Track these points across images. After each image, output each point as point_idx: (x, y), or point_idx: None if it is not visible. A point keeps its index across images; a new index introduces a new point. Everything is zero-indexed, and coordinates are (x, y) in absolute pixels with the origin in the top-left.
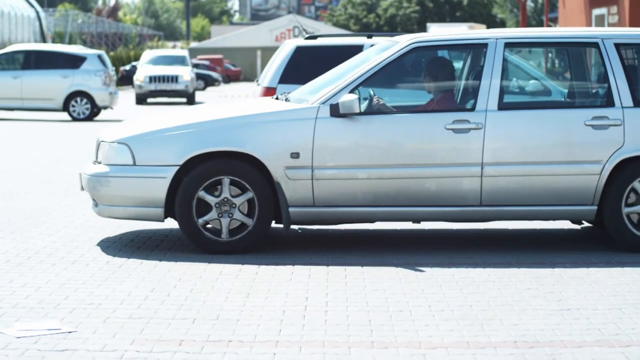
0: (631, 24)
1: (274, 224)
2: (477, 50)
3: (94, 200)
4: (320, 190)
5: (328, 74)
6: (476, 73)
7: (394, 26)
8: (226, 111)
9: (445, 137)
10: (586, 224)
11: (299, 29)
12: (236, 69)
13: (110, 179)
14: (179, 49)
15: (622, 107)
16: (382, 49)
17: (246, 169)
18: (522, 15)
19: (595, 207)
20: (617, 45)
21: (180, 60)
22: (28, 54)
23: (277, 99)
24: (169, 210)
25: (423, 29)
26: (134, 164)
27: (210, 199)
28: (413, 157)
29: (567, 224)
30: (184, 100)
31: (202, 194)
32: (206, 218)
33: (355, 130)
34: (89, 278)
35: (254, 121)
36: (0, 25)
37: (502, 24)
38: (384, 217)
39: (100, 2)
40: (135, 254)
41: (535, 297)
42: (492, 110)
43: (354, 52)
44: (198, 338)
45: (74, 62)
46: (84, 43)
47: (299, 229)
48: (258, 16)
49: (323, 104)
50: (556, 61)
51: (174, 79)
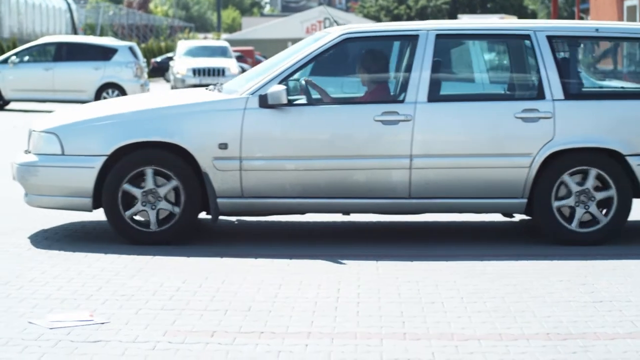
0: None
1: (218, 217)
2: (409, 41)
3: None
4: (248, 181)
5: (261, 65)
6: (407, 65)
7: (425, 18)
8: (156, 101)
9: (374, 129)
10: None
11: (329, 21)
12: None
13: (39, 169)
14: (218, 40)
15: (553, 100)
16: (315, 40)
17: (171, 159)
18: (554, 6)
19: (525, 200)
20: (550, 38)
21: (221, 52)
22: (59, 45)
23: (210, 89)
24: (98, 201)
25: None
26: (63, 154)
27: (135, 191)
28: (342, 149)
29: None
30: None
31: (127, 186)
32: (133, 210)
33: (283, 121)
34: (121, 269)
35: (183, 112)
36: (32, 17)
37: (533, 15)
38: (313, 209)
39: None
40: (167, 246)
41: (568, 289)
42: (422, 102)
43: None
44: (230, 329)
45: (105, 54)
46: (115, 35)
47: (236, 220)
48: (289, 8)
49: (252, 94)
50: (496, 54)
51: (221, 71)
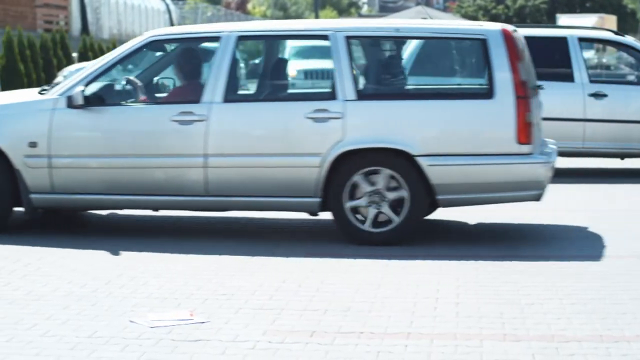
0: None
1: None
2: (212, 44)
3: None
4: (57, 177)
5: (87, 66)
6: (209, 66)
7: (523, 18)
8: None
9: (171, 129)
10: None
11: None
12: None
13: None
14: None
15: (344, 100)
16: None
17: None
18: None
19: (318, 200)
20: (348, 38)
21: (325, 50)
22: None
23: (45, 89)
24: None
25: (552, 20)
26: None
27: None
28: (141, 148)
29: None
30: None
31: None
32: None
33: (88, 120)
34: (221, 269)
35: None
36: (132, 18)
37: (633, 15)
38: (122, 205)
39: None
40: (267, 246)
41: None
42: (218, 103)
43: None
44: (329, 329)
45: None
46: None
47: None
48: (386, 8)
49: (61, 95)
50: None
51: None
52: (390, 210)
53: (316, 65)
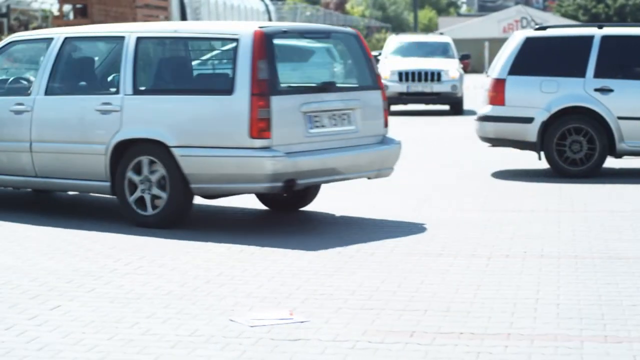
0: None
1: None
2: (45, 43)
3: None
4: None
5: None
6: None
7: (624, 16)
8: None
9: (9, 117)
10: None
11: (526, 20)
12: (464, 60)
13: None
14: (437, 35)
15: (124, 95)
16: None
17: None
18: None
19: (108, 183)
20: (138, 39)
21: (441, 50)
22: None
23: None
24: None
25: None
26: None
27: None
28: None
29: None
30: (446, 107)
31: None
32: None
33: None
34: (320, 268)
35: None
36: (231, 18)
37: None
38: None
39: None
40: (366, 246)
41: None
42: (40, 96)
43: (584, 43)
44: (429, 330)
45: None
46: None
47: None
48: (485, 7)
49: None
50: (106, 54)
51: (435, 75)
52: (160, 190)
53: (419, 64)
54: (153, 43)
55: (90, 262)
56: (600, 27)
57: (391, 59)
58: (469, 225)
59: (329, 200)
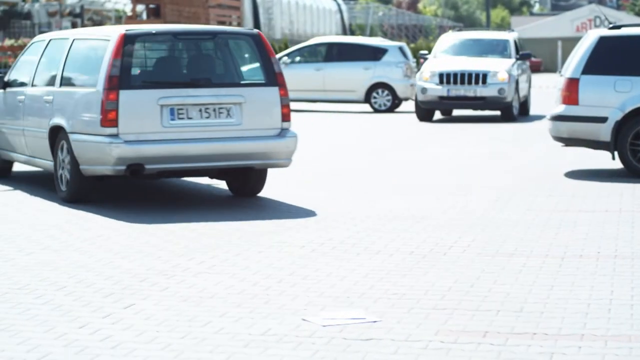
0: None
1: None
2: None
3: None
4: None
5: None
6: None
7: None
8: None
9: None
10: None
11: (600, 19)
12: (536, 59)
13: None
14: (498, 31)
15: (57, 88)
16: None
17: None
18: None
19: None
20: (74, 41)
21: (499, 48)
22: (330, 46)
23: None
24: None
25: None
26: None
27: None
28: None
29: None
30: (497, 113)
31: None
32: None
33: None
34: (393, 268)
35: None
36: (304, 18)
37: None
38: None
39: None
40: (438, 245)
41: None
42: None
43: None
44: (502, 330)
45: (375, 54)
46: (385, 35)
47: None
48: (558, 6)
49: None
50: None
51: (480, 78)
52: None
53: (463, 65)
54: (64, 45)
55: (163, 261)
56: None
57: (438, 59)
58: (542, 225)
59: (402, 200)
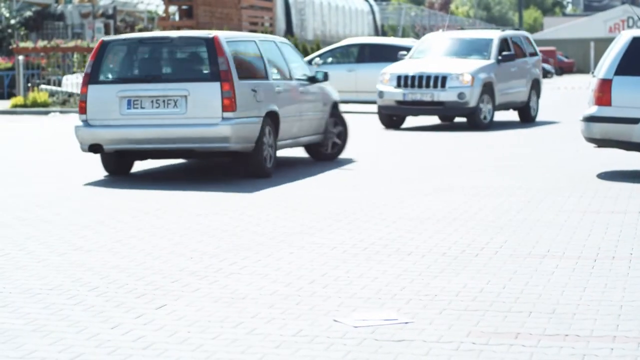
0: None
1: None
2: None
3: None
4: None
5: None
6: None
7: None
8: None
9: None
10: None
11: (633, 20)
12: (569, 60)
13: None
14: (487, 30)
15: None
16: None
17: None
18: None
19: None
20: None
21: (479, 48)
22: (362, 47)
23: None
24: None
25: None
26: None
27: None
28: None
29: None
30: (462, 120)
31: None
32: None
33: None
34: (425, 269)
35: None
36: (336, 19)
37: None
38: None
39: None
40: (470, 247)
41: None
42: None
43: None
44: (534, 331)
45: None
46: (417, 36)
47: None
48: (591, 7)
49: None
50: None
51: (440, 81)
52: None
53: (424, 68)
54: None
55: (195, 262)
56: None
57: (407, 61)
58: (575, 226)
59: (434, 201)
